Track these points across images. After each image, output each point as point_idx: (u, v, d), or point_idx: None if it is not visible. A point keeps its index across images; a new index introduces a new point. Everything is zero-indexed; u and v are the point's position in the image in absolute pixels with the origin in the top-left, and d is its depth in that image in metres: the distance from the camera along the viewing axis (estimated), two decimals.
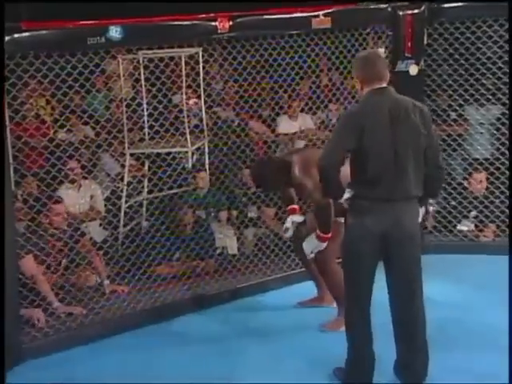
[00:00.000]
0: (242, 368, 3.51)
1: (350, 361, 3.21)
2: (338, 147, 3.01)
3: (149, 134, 4.70)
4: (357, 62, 3.13)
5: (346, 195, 3.07)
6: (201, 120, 4.79)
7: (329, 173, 3.03)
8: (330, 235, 3.73)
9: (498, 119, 5.00)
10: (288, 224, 4.03)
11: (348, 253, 3.14)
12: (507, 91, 4.89)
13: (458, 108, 5.03)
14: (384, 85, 3.04)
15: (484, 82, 4.94)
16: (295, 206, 4.12)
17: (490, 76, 4.87)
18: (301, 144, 5.31)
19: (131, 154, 4.71)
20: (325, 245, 3.77)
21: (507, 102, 4.92)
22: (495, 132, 5.04)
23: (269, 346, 3.72)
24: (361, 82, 3.06)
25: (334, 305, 3.97)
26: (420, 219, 3.14)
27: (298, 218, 4.07)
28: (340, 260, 3.50)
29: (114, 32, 3.72)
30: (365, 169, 2.99)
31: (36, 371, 3.54)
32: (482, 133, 5.10)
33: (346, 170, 3.08)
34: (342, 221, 3.67)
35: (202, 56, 4.52)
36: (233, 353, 3.66)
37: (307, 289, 4.33)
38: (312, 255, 3.85)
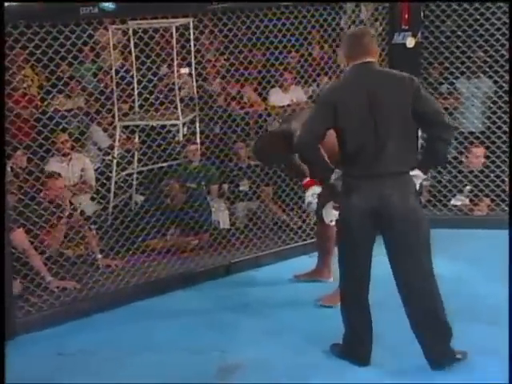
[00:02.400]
0: (236, 341, 3.50)
1: (346, 337, 3.21)
2: (313, 126, 2.97)
3: (140, 105, 4.66)
4: (344, 38, 3.12)
5: (333, 176, 3.02)
6: (192, 91, 4.75)
7: (305, 152, 3.01)
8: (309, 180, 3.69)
9: (495, 92, 4.96)
10: (310, 198, 3.84)
11: (339, 231, 3.12)
12: (504, 64, 4.85)
13: (454, 81, 4.99)
14: (368, 59, 2.97)
15: (481, 54, 4.89)
16: (309, 179, 3.91)
17: (488, 48, 4.82)
18: None
19: (123, 126, 4.67)
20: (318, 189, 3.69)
21: (504, 74, 4.88)
22: (491, 105, 5.00)
23: (264, 320, 3.71)
24: (346, 59, 3.02)
25: (332, 279, 3.95)
26: (417, 189, 3.05)
27: (318, 190, 3.84)
28: None
29: (107, 2, 3.63)
30: (344, 146, 2.95)
31: (29, 346, 3.52)
32: (478, 106, 5.06)
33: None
34: None
35: (196, 27, 4.45)
36: (227, 327, 3.65)
37: (302, 264, 4.32)
38: (333, 223, 3.69)
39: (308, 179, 3.93)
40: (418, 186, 3.04)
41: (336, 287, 3.82)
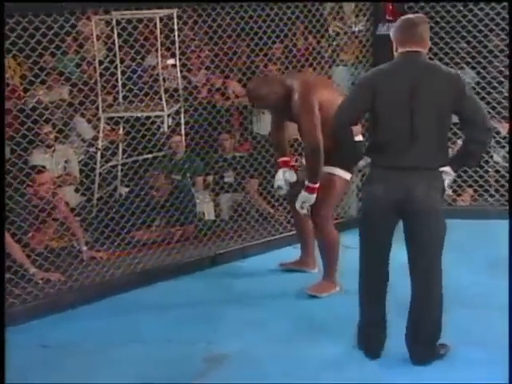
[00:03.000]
0: (222, 332, 3.51)
1: (358, 327, 3.18)
2: (350, 107, 2.96)
3: (124, 96, 4.64)
4: (397, 22, 3.00)
5: (362, 163, 3.00)
6: (176, 82, 4.73)
7: (338, 132, 2.99)
8: (317, 185, 3.65)
9: (478, 83, 4.98)
10: (280, 181, 3.87)
11: (361, 221, 3.11)
12: (487, 55, 4.88)
13: None
14: (416, 49, 2.89)
15: (464, 45, 4.91)
16: (287, 159, 3.95)
17: (471, 39, 4.84)
18: None
19: (108, 117, 4.65)
20: (313, 197, 3.67)
21: (486, 65, 4.91)
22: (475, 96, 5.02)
23: (249, 311, 3.72)
24: (395, 44, 2.96)
25: (316, 270, 3.96)
26: (445, 187, 2.99)
27: (291, 176, 3.89)
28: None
29: None
30: (376, 133, 2.93)
31: (13, 338, 3.46)
32: None
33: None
34: (336, 173, 3.68)
35: (180, 17, 4.43)
36: (213, 318, 3.65)
37: (287, 254, 4.33)
38: (304, 211, 3.75)
39: (285, 158, 3.92)
40: (446, 183, 2.99)
41: (323, 277, 3.86)
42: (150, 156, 4.70)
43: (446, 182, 2.98)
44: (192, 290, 4.00)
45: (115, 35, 4.46)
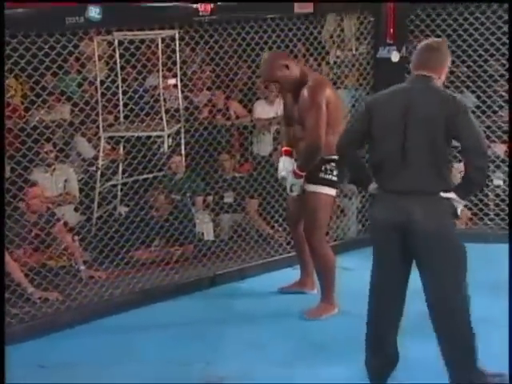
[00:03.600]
0: (220, 353, 3.49)
1: (366, 345, 3.10)
2: (350, 130, 3.00)
3: (125, 116, 4.66)
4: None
5: (372, 186, 2.98)
6: (177, 103, 4.75)
7: (342, 153, 3.02)
8: (305, 173, 3.69)
9: (478, 107, 5.01)
10: (283, 172, 3.85)
11: (371, 242, 3.06)
12: (487, 79, 4.91)
13: None
14: (425, 73, 2.86)
15: (464, 69, 4.94)
16: (289, 148, 3.91)
17: (471, 64, 4.87)
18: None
19: (109, 137, 4.67)
20: (301, 181, 3.71)
21: (487, 89, 4.93)
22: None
23: (248, 332, 3.70)
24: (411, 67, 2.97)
25: (315, 291, 3.95)
26: (457, 213, 2.91)
27: (289, 164, 3.83)
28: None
29: (94, 12, 3.63)
30: (372, 155, 2.95)
31: (10, 358, 3.44)
32: None
33: None
34: (321, 191, 3.71)
35: (183, 38, 4.46)
36: (211, 339, 3.63)
37: (286, 275, 4.32)
38: (295, 193, 3.77)
39: (288, 148, 3.90)
40: (459, 211, 2.91)
41: (320, 300, 3.85)
42: (150, 176, 4.70)
43: (459, 210, 2.91)
44: (191, 311, 3.98)
45: (117, 55, 4.49)
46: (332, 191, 3.77)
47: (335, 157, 3.62)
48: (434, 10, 4.74)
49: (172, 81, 4.96)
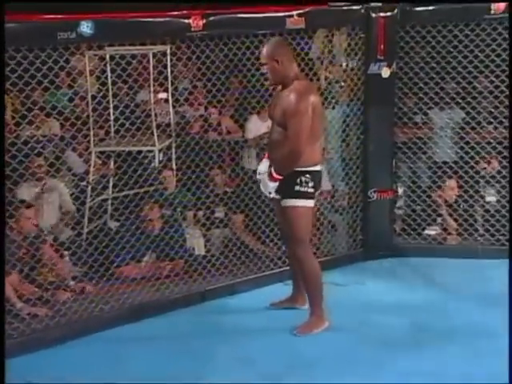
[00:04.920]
0: (211, 369, 3.47)
1: None
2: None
3: (116, 131, 4.66)
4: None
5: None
6: (168, 118, 4.76)
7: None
8: (281, 178, 3.68)
9: (468, 123, 5.04)
10: (259, 175, 3.83)
11: None
12: (476, 95, 4.95)
13: (428, 111, 5.08)
14: None
15: (454, 85, 4.97)
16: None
17: (460, 80, 4.91)
18: None
19: (99, 151, 4.67)
20: (276, 185, 3.70)
21: (476, 106, 4.97)
22: (464, 135, 5.08)
23: (239, 348, 3.68)
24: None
25: (306, 306, 3.94)
26: None
27: (265, 166, 3.80)
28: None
29: (85, 27, 3.64)
30: None
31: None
32: (451, 136, 5.14)
33: None
34: (298, 204, 3.71)
35: (175, 54, 4.47)
36: (202, 354, 3.61)
37: (277, 291, 4.31)
38: (272, 195, 3.77)
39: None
40: None
41: (310, 314, 3.84)
42: (140, 190, 4.69)
43: None
44: (181, 326, 3.96)
45: (108, 70, 4.50)
46: (310, 202, 3.76)
47: (311, 168, 3.68)
48: (423, 28, 4.78)
49: (163, 95, 4.96)
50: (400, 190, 5.17)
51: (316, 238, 4.90)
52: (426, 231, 5.09)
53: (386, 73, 4.73)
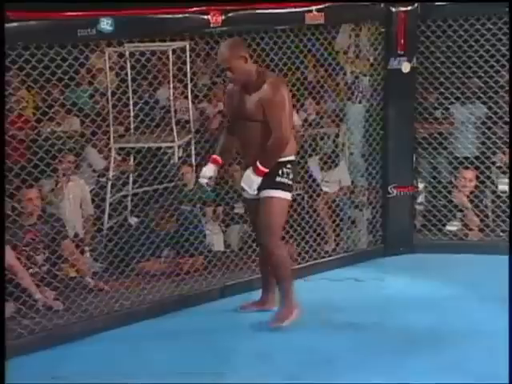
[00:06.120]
0: (231, 364, 3.48)
1: None
2: None
3: (136, 127, 4.68)
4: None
5: None
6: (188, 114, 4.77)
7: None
8: (267, 170, 3.62)
9: (489, 118, 4.99)
10: (201, 179, 3.82)
11: None
12: (498, 90, 4.89)
13: (449, 106, 5.03)
14: None
15: (476, 80, 4.92)
16: (218, 159, 3.83)
17: (482, 75, 4.85)
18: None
19: (119, 148, 4.69)
20: (260, 179, 3.64)
21: (498, 100, 4.92)
22: (486, 131, 5.03)
23: (258, 343, 3.68)
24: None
25: (276, 308, 3.90)
26: None
27: (208, 171, 3.80)
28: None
29: (105, 24, 3.65)
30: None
31: (21, 369, 3.47)
32: (472, 131, 5.09)
33: None
34: (275, 195, 3.67)
35: (194, 50, 4.48)
36: (222, 350, 3.62)
37: (296, 287, 4.29)
38: (254, 192, 3.68)
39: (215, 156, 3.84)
40: None
41: (280, 304, 3.81)
42: (160, 186, 4.71)
43: None
44: (200, 322, 3.97)
45: (128, 67, 4.51)
46: (288, 195, 3.73)
47: (291, 158, 3.67)
48: (444, 22, 4.73)
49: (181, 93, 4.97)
50: (420, 186, 5.13)
51: (335, 233, 4.90)
52: (447, 227, 5.05)
53: (406, 68, 4.69)
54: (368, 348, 3.54)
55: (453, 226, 5.04)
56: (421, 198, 5.15)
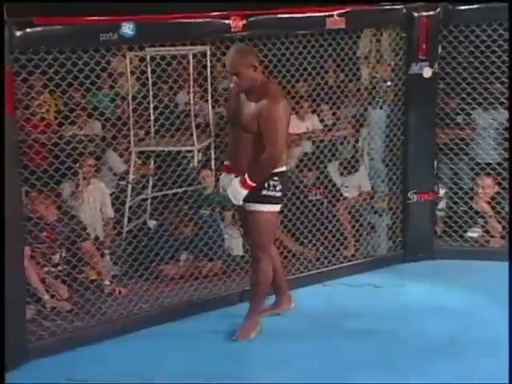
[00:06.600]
0: (249, 369, 3.50)
1: None
2: None
3: (156, 131, 4.69)
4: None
5: None
6: (207, 118, 4.78)
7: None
8: (254, 185, 3.58)
9: None
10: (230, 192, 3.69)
11: None
12: None
13: (471, 112, 4.99)
14: None
15: (498, 85, 4.88)
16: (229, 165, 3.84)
17: (505, 80, 4.81)
18: (307, 145, 5.29)
19: (139, 151, 4.71)
20: (245, 192, 3.59)
21: None
22: (508, 136, 4.97)
23: (276, 348, 3.68)
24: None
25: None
26: None
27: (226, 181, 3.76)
28: None
29: (127, 28, 3.67)
30: None
31: (40, 371, 3.50)
32: (494, 137, 5.04)
33: None
34: (262, 209, 3.64)
35: (214, 54, 4.48)
36: (240, 354, 3.63)
37: (316, 292, 4.30)
38: (240, 203, 3.65)
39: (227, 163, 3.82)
40: None
41: (246, 316, 3.80)
42: (179, 190, 4.72)
43: None
44: (219, 326, 3.97)
45: (149, 71, 4.53)
46: (276, 207, 3.70)
47: (278, 169, 3.63)
48: (467, 27, 4.69)
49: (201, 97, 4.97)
50: (441, 192, 5.10)
51: (355, 239, 4.88)
52: (469, 233, 5.01)
53: (427, 73, 4.66)
54: (386, 355, 3.53)
55: (474, 233, 5.00)
56: (442, 204, 5.11)
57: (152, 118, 4.65)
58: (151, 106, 4.63)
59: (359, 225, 4.91)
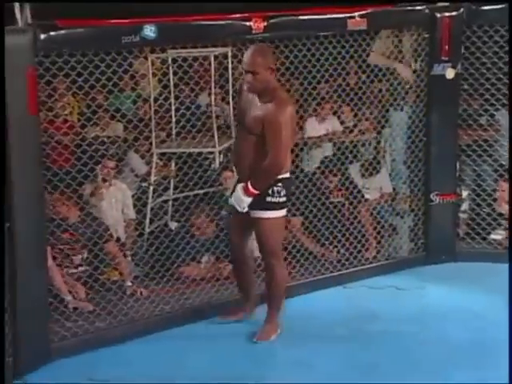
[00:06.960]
0: (271, 370, 3.50)
1: None
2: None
3: (177, 132, 4.71)
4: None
5: None
6: (229, 119, 4.79)
7: None
8: (257, 192, 3.57)
9: None
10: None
11: None
12: None
13: (494, 113, 4.94)
14: None
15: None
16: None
17: None
18: (328, 147, 5.27)
19: (161, 153, 4.74)
20: (250, 200, 3.59)
21: None
22: None
23: (297, 350, 3.68)
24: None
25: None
26: None
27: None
28: None
29: (149, 31, 3.69)
30: None
31: (62, 371, 3.53)
32: None
33: None
34: (268, 216, 3.63)
35: (236, 56, 4.49)
36: (262, 356, 3.64)
37: (336, 294, 4.28)
38: (244, 210, 3.64)
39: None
40: None
41: (266, 320, 3.81)
42: (201, 192, 4.74)
43: None
44: (239, 327, 3.97)
45: (170, 73, 4.55)
46: (282, 212, 3.68)
47: (282, 175, 3.60)
48: (491, 27, 4.65)
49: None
50: (464, 194, 5.05)
51: (376, 240, 4.86)
52: (492, 235, 4.96)
53: (450, 74, 4.63)
54: (407, 358, 3.51)
55: (498, 235, 4.95)
56: (464, 206, 5.07)
57: (173, 119, 4.67)
58: (173, 107, 4.65)
59: (381, 226, 4.89)
